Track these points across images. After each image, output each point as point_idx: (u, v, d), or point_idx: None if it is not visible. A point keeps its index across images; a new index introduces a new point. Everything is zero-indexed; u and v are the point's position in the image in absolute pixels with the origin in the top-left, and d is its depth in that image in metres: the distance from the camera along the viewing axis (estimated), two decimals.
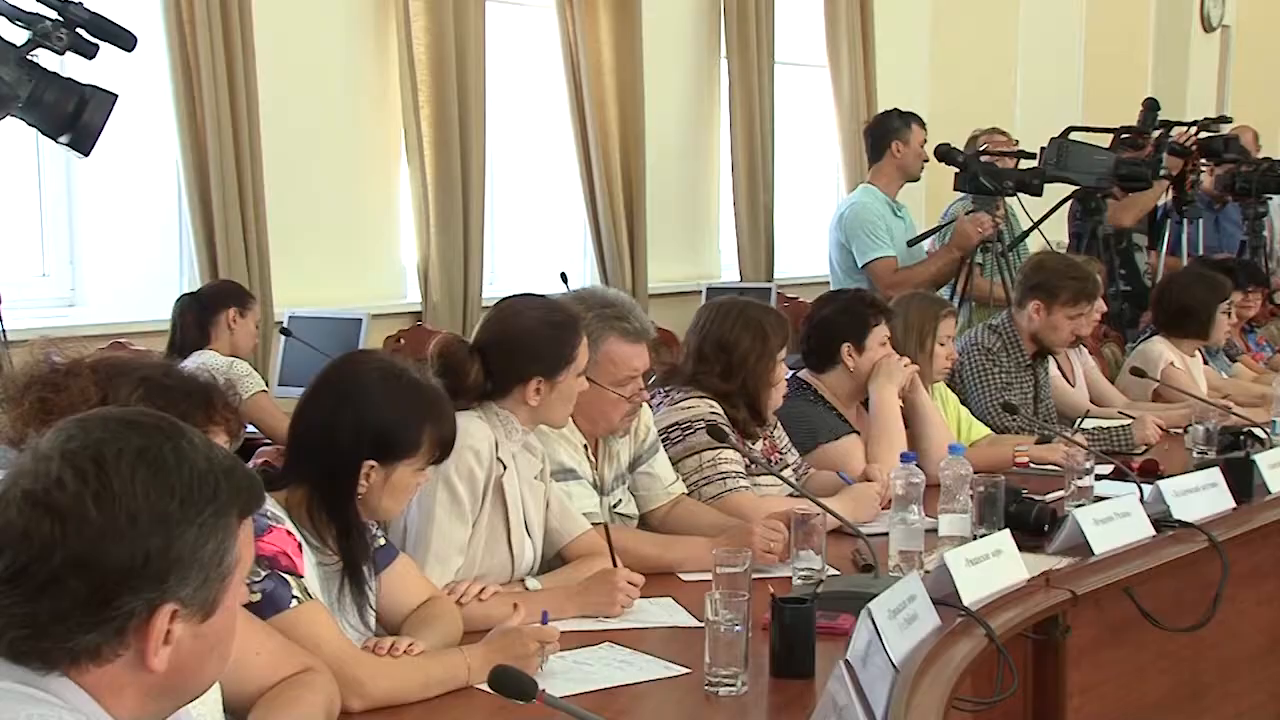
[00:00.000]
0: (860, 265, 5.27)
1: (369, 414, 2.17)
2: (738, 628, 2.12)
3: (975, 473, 2.99)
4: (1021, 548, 2.72)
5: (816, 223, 6.27)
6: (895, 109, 5.55)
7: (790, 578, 2.69)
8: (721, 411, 3.21)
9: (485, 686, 1.92)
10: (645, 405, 3.05)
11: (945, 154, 5.33)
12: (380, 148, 5.35)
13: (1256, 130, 7.68)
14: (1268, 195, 6.65)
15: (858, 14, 6.96)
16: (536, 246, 6.19)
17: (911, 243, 5.36)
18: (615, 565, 2.56)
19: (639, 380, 2.94)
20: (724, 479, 3.14)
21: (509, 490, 2.60)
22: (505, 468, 2.59)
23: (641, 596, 2.56)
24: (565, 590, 2.55)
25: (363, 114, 5.29)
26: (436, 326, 5.08)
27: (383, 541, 2.32)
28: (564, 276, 5.27)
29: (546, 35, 5.96)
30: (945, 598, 2.43)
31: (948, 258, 5.25)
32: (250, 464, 2.45)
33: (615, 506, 3.00)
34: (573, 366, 2.65)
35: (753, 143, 6.53)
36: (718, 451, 3.15)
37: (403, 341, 5.10)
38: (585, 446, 2.94)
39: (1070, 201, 5.89)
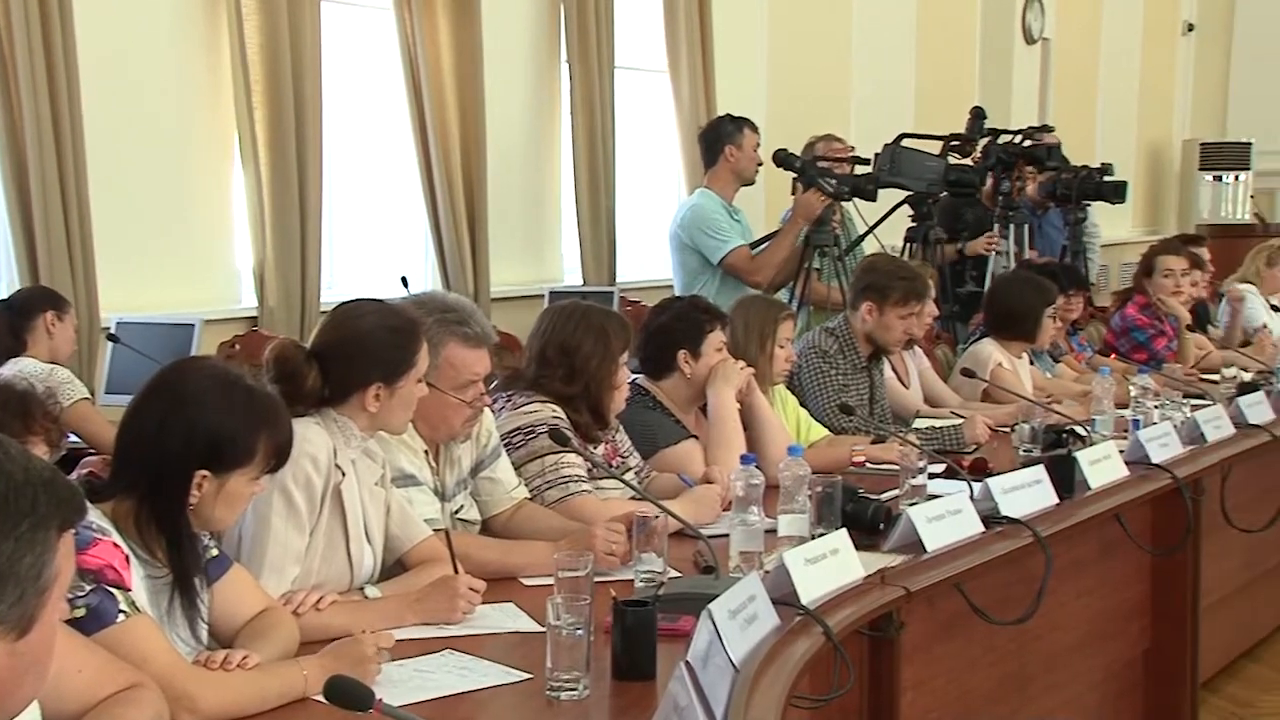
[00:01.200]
0: (716, 262, 5.33)
1: (201, 422, 2.12)
2: (579, 632, 2.12)
3: (813, 473, 3.04)
4: (858, 546, 2.77)
5: (659, 226, 6.31)
6: (728, 114, 5.64)
7: (632, 580, 2.70)
8: (564, 415, 3.21)
9: (322, 698, 1.88)
10: (487, 410, 3.04)
11: (783, 159, 5.43)
12: (212, 149, 5.22)
13: (1075, 138, 7.99)
14: (1086, 201, 6.91)
15: (696, 20, 7.03)
16: (376, 250, 6.11)
17: (752, 246, 5.44)
18: (456, 571, 2.55)
19: (480, 385, 2.92)
20: (566, 483, 3.14)
21: (348, 497, 2.56)
22: (344, 475, 2.55)
23: (483, 602, 2.54)
24: (405, 598, 2.52)
25: (193, 114, 5.16)
26: (272, 332, 4.98)
27: (215, 552, 2.26)
28: (404, 281, 5.22)
29: (385, 36, 5.89)
30: (784, 597, 2.47)
31: (795, 230, 5.35)
32: (75, 474, 2.37)
33: (457, 512, 2.98)
34: (413, 372, 2.62)
35: (594, 147, 6.55)
36: (560, 455, 3.15)
37: (237, 347, 4.98)
38: (426, 452, 2.91)
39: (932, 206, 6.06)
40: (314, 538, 2.50)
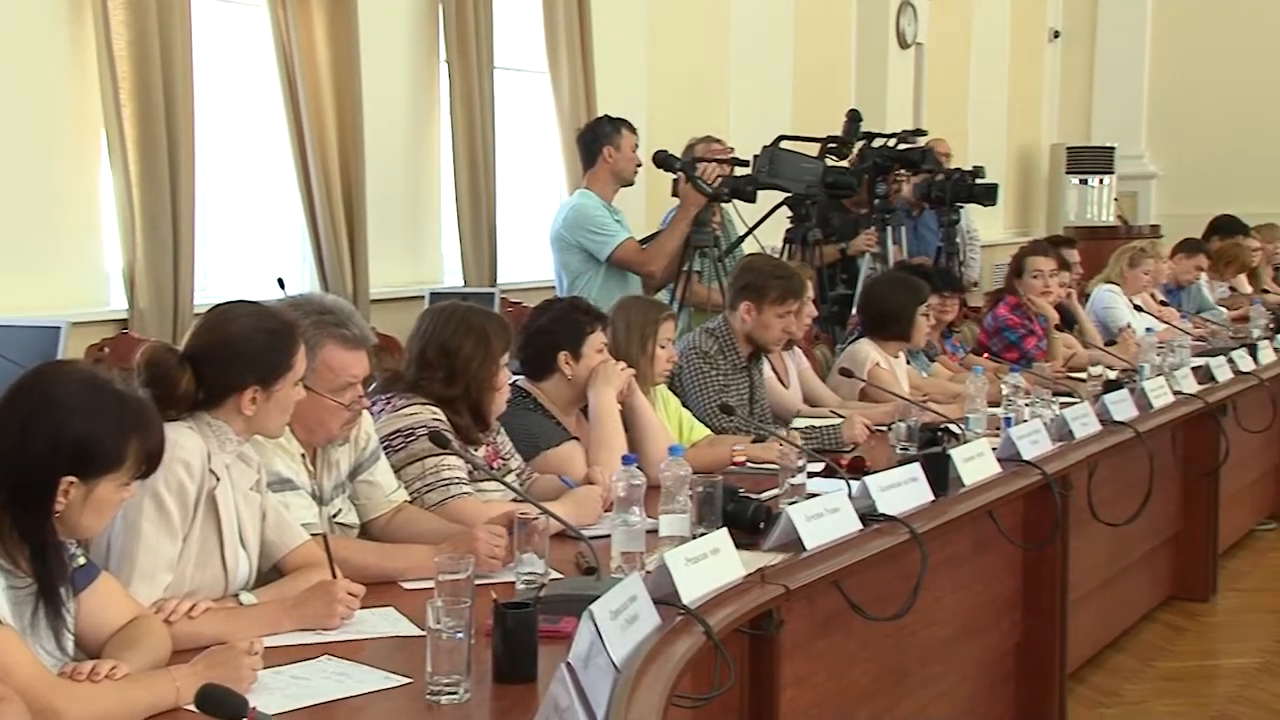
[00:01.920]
0: (604, 258, 5.34)
1: (67, 427, 2.06)
2: (459, 635, 2.11)
3: (694, 473, 3.05)
4: (739, 545, 2.79)
5: (541, 227, 6.30)
6: (606, 115, 5.65)
7: (513, 582, 2.69)
8: (444, 417, 3.19)
9: (194, 708, 1.85)
10: (366, 412, 3.00)
11: (663, 160, 5.46)
12: (79, 147, 5.07)
13: (947, 141, 8.15)
14: (960, 204, 7.06)
15: (576, 21, 7.03)
16: (251, 251, 6.00)
17: (643, 241, 5.46)
18: (334, 576, 2.51)
19: (358, 387, 2.89)
20: (447, 485, 3.12)
21: (222, 503, 2.51)
22: (218, 480, 2.50)
23: (362, 607, 2.52)
24: (281, 604, 2.48)
25: (57, 111, 5.00)
26: (143, 335, 4.85)
27: (82, 560, 2.20)
28: (281, 282, 5.13)
29: (259, 33, 5.79)
30: (665, 597, 2.48)
31: (687, 219, 5.37)
32: None
33: (335, 516, 2.94)
34: (289, 375, 2.59)
35: (474, 147, 6.51)
36: (440, 458, 3.12)
37: (107, 351, 4.84)
38: (303, 456, 2.87)
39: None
40: (187, 544, 2.45)
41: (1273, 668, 4.68)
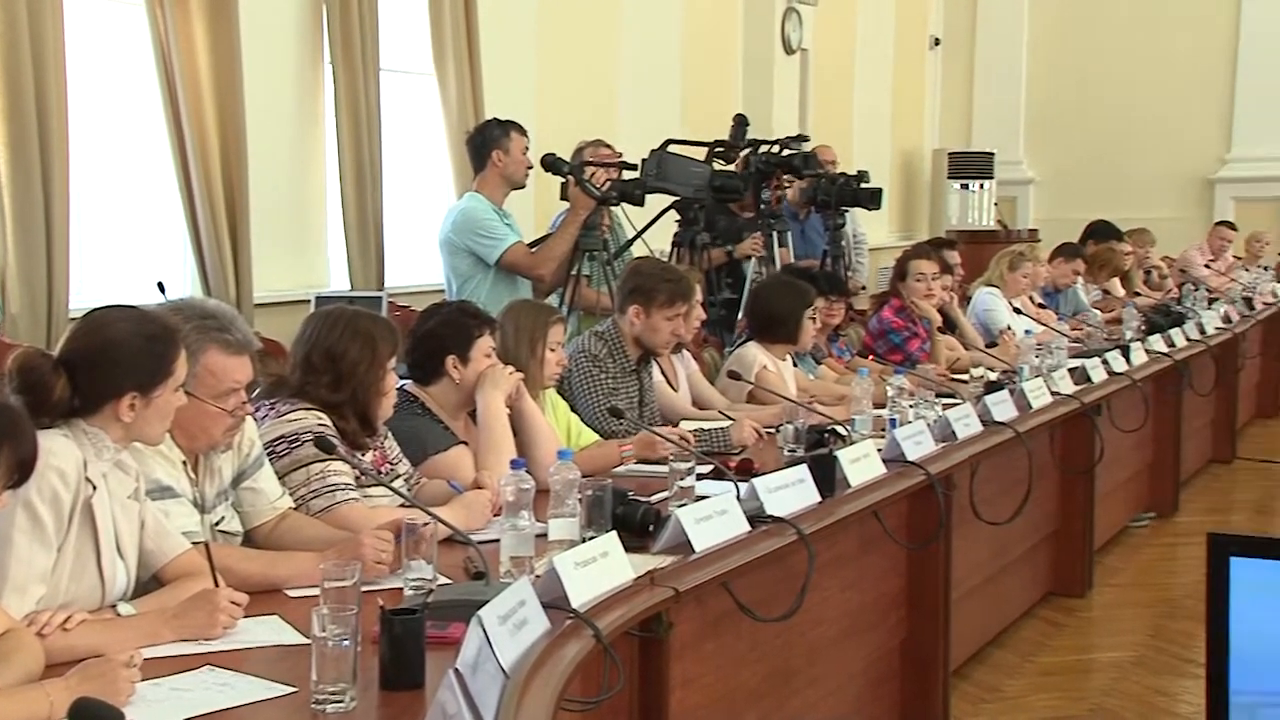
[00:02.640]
0: (493, 262, 5.31)
1: None
2: (346, 642, 2.09)
3: (583, 477, 3.05)
4: (628, 548, 2.79)
5: (429, 230, 6.25)
6: (494, 118, 5.62)
7: (401, 589, 2.67)
8: (330, 423, 3.15)
9: None
10: (249, 418, 2.96)
11: (551, 164, 5.45)
12: None
13: (832, 146, 8.26)
14: (845, 207, 7.15)
15: (463, 23, 6.99)
16: (130, 255, 5.86)
17: (532, 245, 5.44)
18: (216, 585, 2.47)
19: (241, 393, 2.84)
20: (333, 491, 3.08)
21: (99, 512, 2.45)
22: (95, 488, 2.44)
23: (245, 616, 2.47)
24: (161, 614, 2.42)
25: None
26: (15, 340, 4.72)
27: None
28: (161, 286, 5.02)
29: (136, 33, 5.66)
30: (555, 601, 2.48)
31: (575, 223, 5.37)
32: None
33: (218, 524, 2.89)
34: (170, 381, 2.53)
35: (360, 150, 6.44)
36: (326, 464, 3.08)
37: None
38: (184, 463, 2.82)
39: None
40: (62, 555, 2.39)
41: (1145, 660, 4.82)
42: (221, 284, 5.76)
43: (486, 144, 5.49)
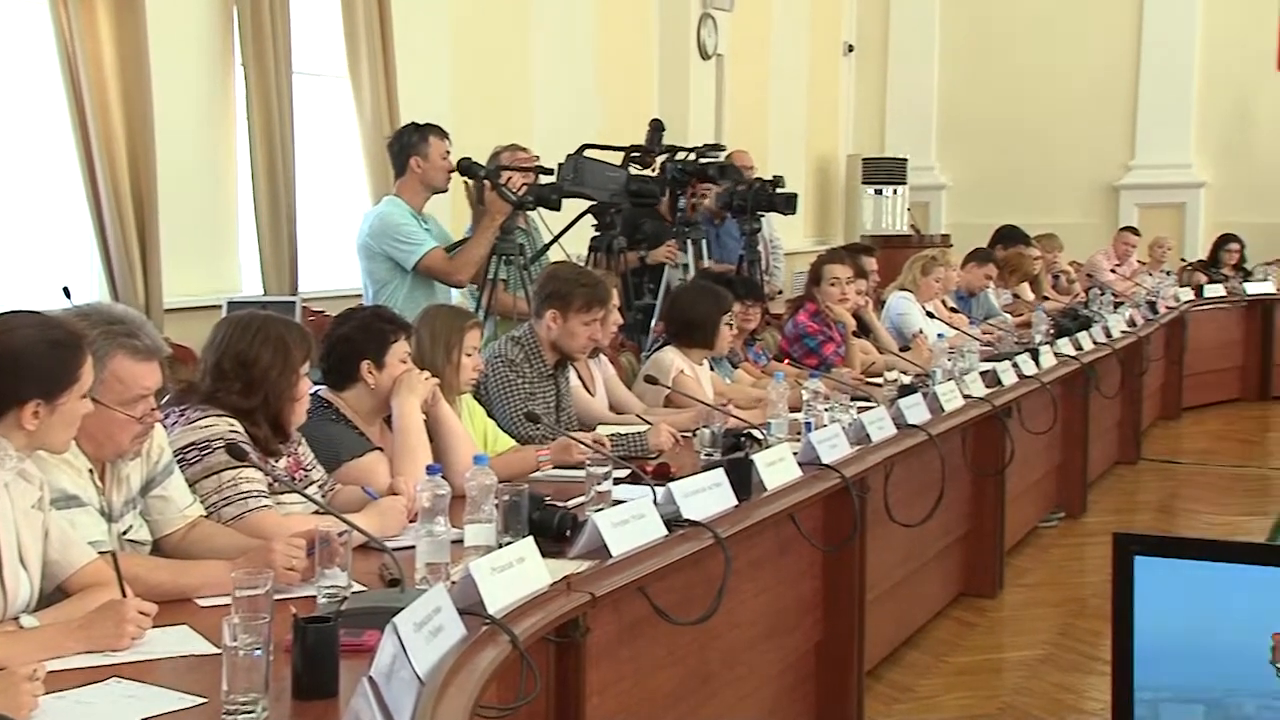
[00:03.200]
0: (410, 267, 5.27)
1: None
2: (257, 651, 2.06)
3: (500, 482, 3.04)
4: (545, 554, 2.79)
5: (346, 235, 6.19)
6: (413, 122, 5.58)
7: (315, 597, 2.64)
8: (242, 429, 3.11)
9: None
10: (159, 426, 2.91)
11: (466, 168, 5.43)
12: None
13: (749, 151, 8.31)
14: (760, 212, 7.19)
15: (377, 26, 6.94)
16: (35, 259, 5.74)
17: (447, 250, 5.41)
18: (124, 595, 2.42)
19: (150, 400, 2.79)
20: (245, 499, 3.04)
21: (0, 522, 2.39)
22: None
23: (154, 626, 2.42)
24: (66, 625, 2.37)
25: None
26: None
27: None
28: (66, 291, 4.93)
29: (40, 32, 5.55)
30: (471, 607, 2.47)
31: (492, 228, 5.34)
32: None
33: (125, 533, 2.84)
34: (75, 387, 2.48)
35: (273, 154, 6.36)
36: (238, 471, 3.04)
37: None
38: (91, 471, 2.76)
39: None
40: None
41: (1053, 658, 4.90)
42: (130, 289, 5.66)
43: (406, 148, 5.45)
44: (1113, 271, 10.48)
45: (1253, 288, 10.61)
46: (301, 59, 6.64)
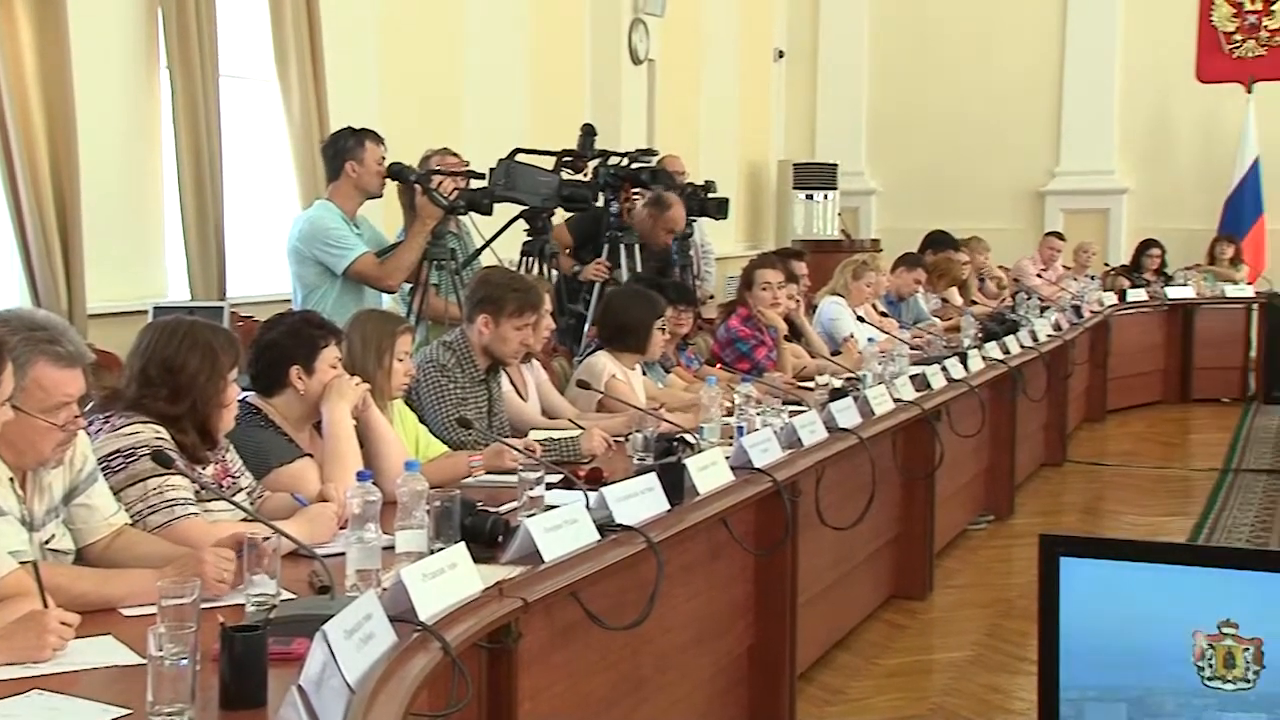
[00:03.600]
0: (340, 272, 5.23)
1: None
2: (183, 661, 2.03)
3: (432, 488, 3.03)
4: (477, 559, 2.78)
5: (275, 239, 6.13)
6: (348, 127, 5.53)
7: (243, 605, 2.61)
8: (168, 436, 3.07)
9: None
10: (82, 433, 2.86)
11: (397, 173, 5.40)
12: None
13: (680, 156, 8.33)
14: (692, 218, 7.21)
15: (305, 30, 6.87)
16: None
17: (379, 255, 5.38)
18: (45, 605, 2.38)
19: (73, 407, 2.75)
20: (171, 506, 3.00)
21: None
22: None
23: (77, 636, 2.38)
24: None
25: None
26: None
27: None
28: None
29: None
30: (402, 614, 2.45)
31: (423, 232, 5.31)
32: None
33: (48, 542, 2.79)
34: None
35: (200, 157, 6.28)
36: (164, 478, 3.00)
37: None
38: (11, 480, 2.71)
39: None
40: None
41: (982, 659, 4.96)
42: (52, 294, 5.56)
43: (341, 152, 5.40)
44: (1039, 276, 10.63)
45: (1173, 292, 10.81)
46: (228, 62, 6.56)
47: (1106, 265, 11.60)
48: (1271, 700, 1.55)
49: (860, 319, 7.36)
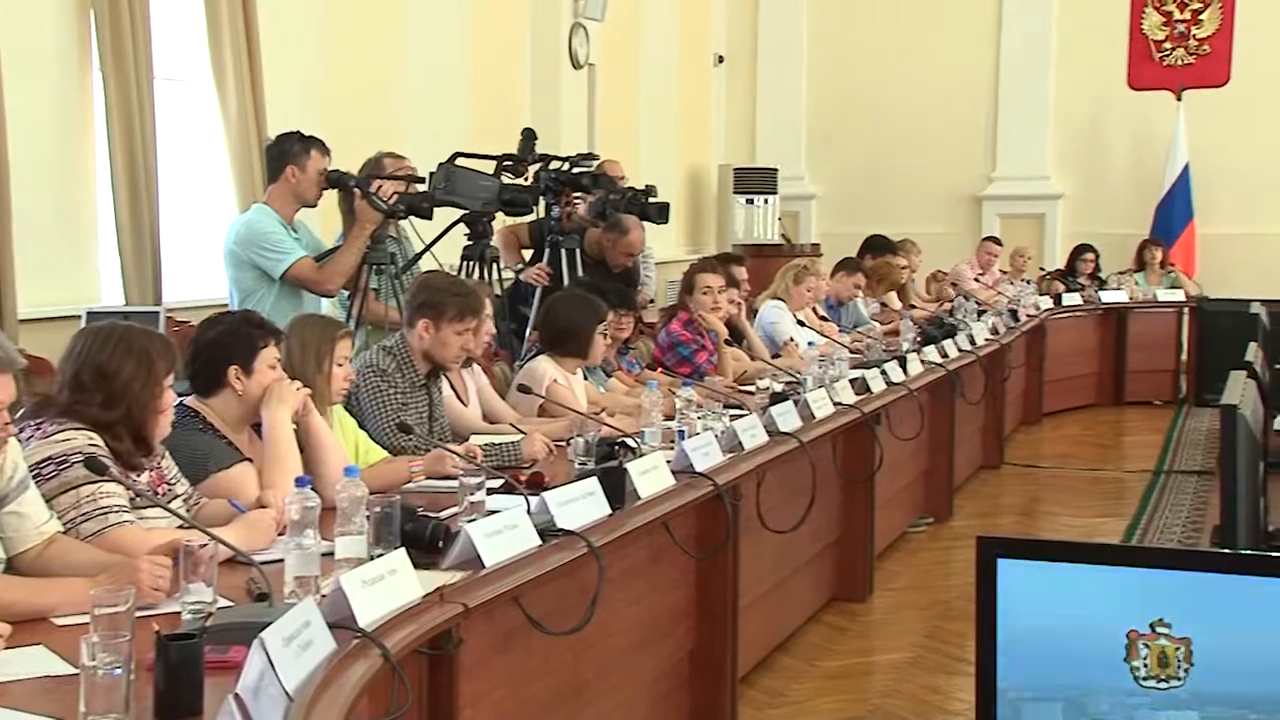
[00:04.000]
0: (278, 276, 5.18)
1: None
2: (117, 671, 2.00)
3: (372, 493, 3.01)
4: (417, 565, 2.77)
5: (211, 243, 6.06)
6: (298, 131, 5.46)
7: (179, 613, 2.58)
8: (102, 443, 3.03)
9: None
10: (13, 440, 2.81)
11: (336, 180, 5.35)
12: None
13: (620, 161, 8.33)
14: None
15: (242, 32, 6.80)
16: None
17: (318, 259, 5.33)
18: None
19: (4, 413, 2.70)
20: (105, 514, 2.96)
21: None
22: None
23: (8, 647, 2.34)
24: None
25: None
26: None
27: None
28: None
29: None
30: (341, 620, 2.43)
31: (362, 236, 5.27)
32: None
33: None
34: None
35: (134, 160, 6.20)
36: (97, 485, 2.96)
37: None
38: None
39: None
40: None
41: (921, 661, 5.00)
42: None
43: (283, 158, 5.34)
44: (976, 280, 10.74)
45: (1107, 296, 10.97)
46: (164, 64, 6.48)
47: (1042, 270, 11.74)
48: (1202, 698, 1.58)
49: (800, 323, 7.40)
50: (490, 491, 3.51)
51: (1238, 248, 11.88)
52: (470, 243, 6.13)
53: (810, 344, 6.84)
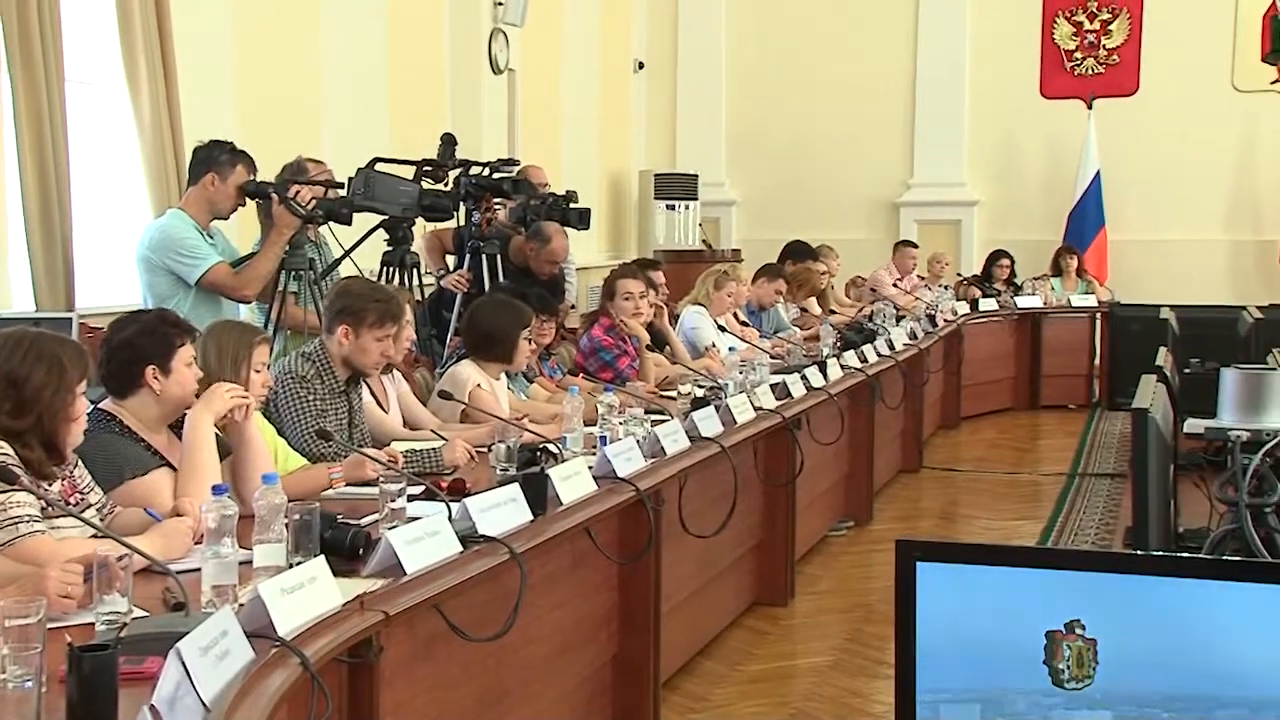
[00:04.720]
0: (193, 282, 5.10)
1: None
2: (28, 683, 1.96)
3: (291, 501, 2.97)
4: (338, 573, 2.74)
5: (125, 249, 5.95)
6: (230, 142, 5.37)
7: (93, 624, 2.53)
8: (12, 452, 2.96)
9: None
10: None
11: (254, 191, 5.28)
12: None
13: (542, 166, 8.32)
14: None
15: (155, 34, 6.69)
16: None
17: (234, 265, 5.26)
18: None
19: None
20: (15, 524, 2.89)
21: None
22: None
23: None
24: None
25: None
26: None
27: None
28: None
29: None
30: (260, 629, 2.41)
31: (280, 242, 5.21)
32: None
33: None
34: None
35: (44, 164, 6.07)
36: (7, 495, 2.90)
37: None
38: None
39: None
40: None
41: (842, 664, 5.04)
42: None
43: (208, 161, 5.26)
44: (895, 286, 10.86)
45: (1023, 301, 11.15)
46: (75, 67, 6.37)
47: (959, 275, 11.90)
48: (1115, 697, 1.61)
49: (721, 328, 7.44)
50: (411, 498, 3.48)
51: (1147, 254, 12.13)
52: (390, 248, 6.09)
53: (731, 349, 6.87)
